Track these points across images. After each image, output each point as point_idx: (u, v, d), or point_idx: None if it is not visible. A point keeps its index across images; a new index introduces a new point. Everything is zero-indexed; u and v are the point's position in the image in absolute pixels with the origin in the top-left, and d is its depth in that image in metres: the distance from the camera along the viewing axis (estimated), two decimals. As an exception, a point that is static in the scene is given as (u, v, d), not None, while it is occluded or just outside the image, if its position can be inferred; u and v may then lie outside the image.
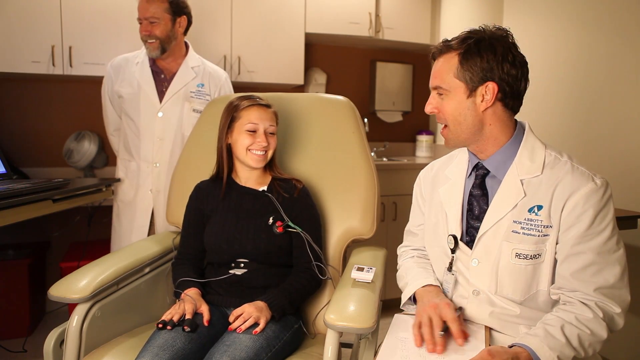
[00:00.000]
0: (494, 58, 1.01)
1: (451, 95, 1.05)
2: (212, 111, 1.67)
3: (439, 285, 1.16)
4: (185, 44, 2.02)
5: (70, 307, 2.25)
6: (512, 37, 1.05)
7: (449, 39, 1.07)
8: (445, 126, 1.09)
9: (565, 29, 2.37)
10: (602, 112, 2.18)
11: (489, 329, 1.06)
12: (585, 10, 2.26)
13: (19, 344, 2.21)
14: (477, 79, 1.02)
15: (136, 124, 1.95)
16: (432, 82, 1.08)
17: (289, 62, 2.82)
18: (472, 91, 1.03)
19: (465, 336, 1.01)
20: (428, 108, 1.10)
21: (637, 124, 2.02)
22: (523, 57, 1.05)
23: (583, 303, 0.97)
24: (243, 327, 1.16)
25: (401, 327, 1.10)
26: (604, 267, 0.97)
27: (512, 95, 1.04)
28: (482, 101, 1.03)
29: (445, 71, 1.05)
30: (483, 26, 1.05)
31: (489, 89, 1.02)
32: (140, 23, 1.89)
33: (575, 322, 0.94)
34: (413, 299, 1.18)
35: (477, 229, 1.08)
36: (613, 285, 0.97)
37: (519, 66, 1.03)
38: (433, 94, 1.09)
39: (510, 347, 0.94)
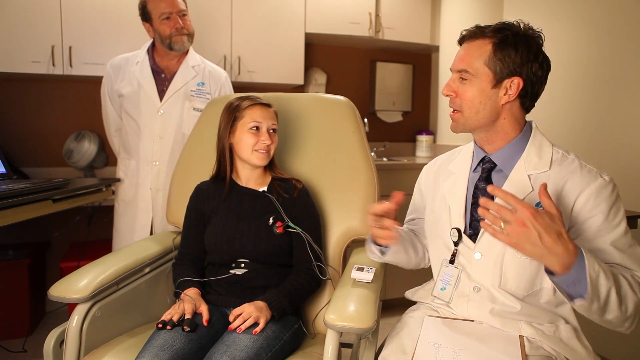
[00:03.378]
0: (527, 55, 1.01)
1: (475, 82, 1.04)
2: (212, 111, 1.67)
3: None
4: None
5: (70, 307, 2.25)
6: (543, 39, 1.05)
7: (482, 25, 1.06)
8: (457, 110, 1.08)
9: (565, 28, 2.37)
10: (603, 112, 2.18)
11: (523, 339, 1.03)
12: (585, 9, 2.26)
13: (19, 344, 2.21)
14: (506, 71, 1.02)
15: (137, 122, 1.95)
16: (458, 65, 1.06)
17: (289, 62, 2.82)
18: (498, 82, 1.03)
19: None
20: (446, 90, 1.09)
21: (638, 123, 2.02)
22: (549, 61, 1.05)
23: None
24: (243, 327, 1.16)
25: (433, 331, 1.08)
26: (627, 262, 0.97)
27: (531, 95, 1.05)
28: (504, 94, 1.03)
29: (475, 56, 1.03)
30: (518, 21, 1.05)
31: (514, 84, 1.02)
32: (167, 18, 1.88)
33: (616, 270, 0.92)
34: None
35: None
36: (638, 278, 0.96)
37: (545, 68, 1.04)
38: (454, 77, 1.08)
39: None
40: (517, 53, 1.01)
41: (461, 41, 1.09)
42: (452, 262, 1.12)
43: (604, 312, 0.90)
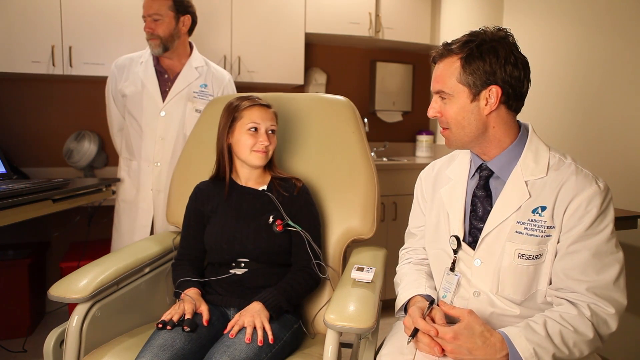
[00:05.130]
0: (496, 61, 1.00)
1: (454, 100, 1.04)
2: (212, 111, 1.67)
3: (429, 292, 1.14)
4: (190, 44, 2.03)
5: (70, 307, 2.25)
6: (513, 37, 1.04)
7: (449, 42, 1.06)
8: (446, 128, 1.09)
9: (565, 28, 2.37)
10: (601, 112, 2.18)
11: None
12: (585, 10, 2.26)
13: (19, 344, 2.21)
14: (480, 83, 1.01)
15: (139, 123, 1.95)
16: (434, 87, 1.07)
17: (289, 62, 2.82)
18: (475, 95, 1.03)
19: (434, 331, 0.97)
20: (431, 112, 1.09)
21: (636, 124, 2.02)
22: (524, 58, 1.05)
23: (571, 303, 0.98)
24: (233, 333, 1.15)
25: None
26: (600, 268, 0.97)
27: (515, 97, 1.04)
28: (485, 105, 1.03)
29: (448, 76, 1.04)
30: (483, 28, 1.05)
31: (493, 93, 1.02)
32: (145, 20, 1.89)
33: (558, 319, 0.95)
34: (405, 309, 1.17)
35: (480, 229, 1.08)
36: (607, 286, 0.97)
37: (521, 67, 1.03)
38: (435, 97, 1.08)
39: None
40: (486, 63, 1.00)
41: (434, 61, 1.09)
42: (452, 269, 1.12)
43: None
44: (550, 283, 1.02)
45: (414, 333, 1.00)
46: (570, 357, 0.94)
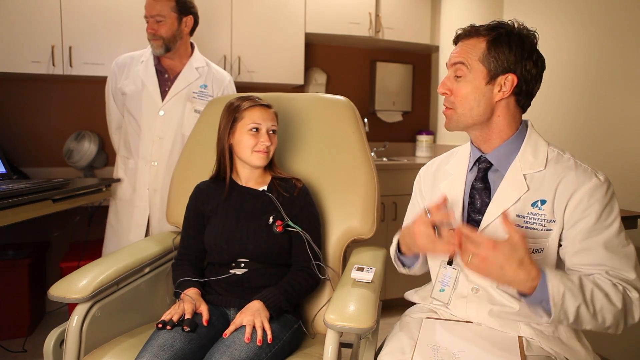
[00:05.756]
0: (520, 53, 1.02)
1: (469, 78, 1.05)
2: (212, 111, 1.67)
3: None
4: (191, 44, 2.03)
5: (70, 307, 2.25)
6: (536, 37, 1.06)
7: (477, 25, 1.07)
8: (449, 108, 1.09)
9: (565, 28, 2.37)
10: (602, 112, 2.18)
11: (522, 340, 1.04)
12: (585, 9, 2.27)
13: (19, 344, 2.21)
14: (500, 68, 1.03)
15: (137, 122, 1.95)
16: (455, 58, 1.07)
17: (289, 62, 2.82)
18: (492, 78, 1.04)
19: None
20: (441, 89, 1.10)
21: (637, 124, 2.02)
22: (544, 60, 1.06)
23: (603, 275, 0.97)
24: (227, 332, 1.15)
25: (432, 333, 1.08)
26: (616, 263, 0.97)
27: (526, 93, 1.06)
28: (499, 91, 1.04)
29: (471, 52, 1.05)
30: (512, 21, 1.06)
31: (509, 81, 1.03)
32: (147, 21, 1.89)
33: (593, 281, 0.94)
34: (399, 251, 1.21)
35: (478, 222, 1.08)
36: (627, 279, 0.96)
37: (540, 66, 1.05)
38: (450, 74, 1.09)
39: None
40: (511, 51, 1.02)
41: (456, 40, 1.10)
42: (450, 263, 1.12)
43: (578, 325, 0.94)
44: None
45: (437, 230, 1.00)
46: (592, 320, 0.92)
